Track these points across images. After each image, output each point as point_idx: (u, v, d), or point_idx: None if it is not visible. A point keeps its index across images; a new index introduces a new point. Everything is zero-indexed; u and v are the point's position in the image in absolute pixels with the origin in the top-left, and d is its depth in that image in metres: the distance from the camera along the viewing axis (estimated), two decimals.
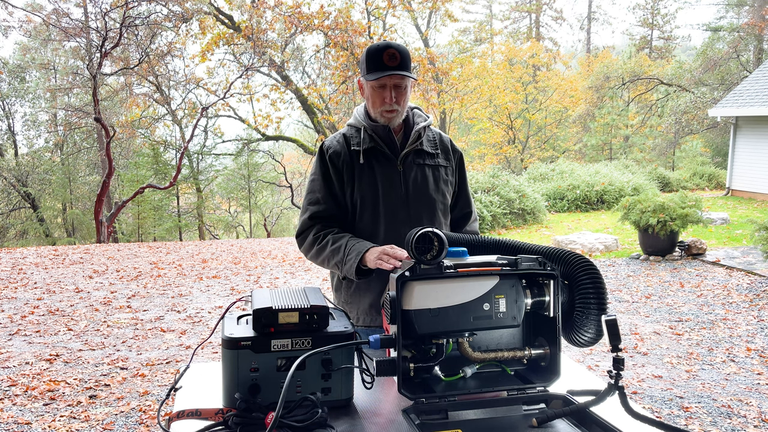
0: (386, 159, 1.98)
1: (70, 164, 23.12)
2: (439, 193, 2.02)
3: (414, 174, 1.99)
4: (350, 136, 2.02)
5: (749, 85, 15.31)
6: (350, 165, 1.97)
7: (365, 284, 1.99)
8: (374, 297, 1.99)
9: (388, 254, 1.67)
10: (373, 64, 1.88)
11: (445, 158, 2.07)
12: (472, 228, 2.17)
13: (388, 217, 1.96)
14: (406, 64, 1.89)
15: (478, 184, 12.77)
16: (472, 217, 2.19)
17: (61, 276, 8.29)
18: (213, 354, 4.85)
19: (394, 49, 1.88)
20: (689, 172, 18.68)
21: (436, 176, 2.03)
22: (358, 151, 1.97)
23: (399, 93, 1.91)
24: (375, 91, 1.92)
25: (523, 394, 1.39)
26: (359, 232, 1.98)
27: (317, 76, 21.42)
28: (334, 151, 1.99)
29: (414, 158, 2.01)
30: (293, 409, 1.28)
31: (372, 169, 1.97)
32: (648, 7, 30.80)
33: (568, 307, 1.41)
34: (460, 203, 2.15)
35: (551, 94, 25.84)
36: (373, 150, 1.98)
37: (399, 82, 1.90)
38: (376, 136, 1.98)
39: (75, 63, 21.81)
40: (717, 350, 4.84)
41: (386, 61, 1.86)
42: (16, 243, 21.17)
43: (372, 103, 1.95)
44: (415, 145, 2.00)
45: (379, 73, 1.86)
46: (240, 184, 25.10)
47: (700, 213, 8.20)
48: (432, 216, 2.01)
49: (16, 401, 3.84)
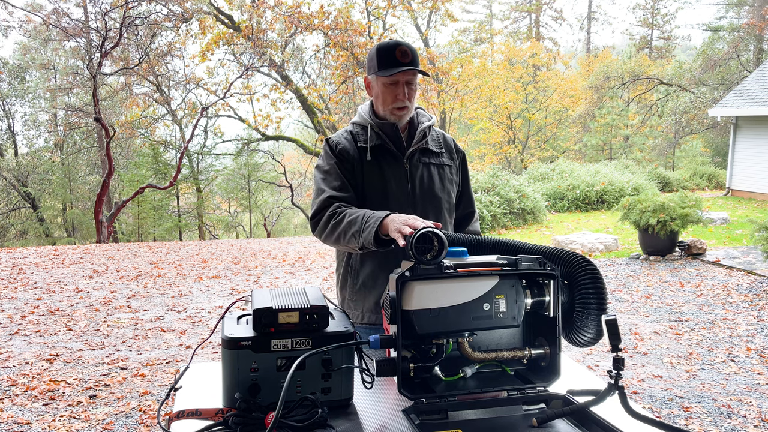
0: (393, 157, 1.98)
1: (70, 164, 23.13)
2: (444, 192, 2.03)
3: (420, 172, 2.00)
4: (356, 134, 2.01)
5: (749, 85, 15.31)
6: (358, 161, 1.97)
7: (371, 282, 1.99)
8: (380, 295, 1.99)
9: (408, 225, 1.54)
10: (386, 60, 1.87)
11: (449, 157, 2.08)
12: (474, 227, 2.18)
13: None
14: (417, 61, 1.90)
15: (478, 184, 12.78)
16: (475, 217, 2.19)
17: (61, 276, 8.29)
18: (213, 354, 4.85)
19: (405, 47, 1.89)
20: (689, 172, 18.68)
21: (441, 175, 2.03)
22: (365, 148, 1.97)
23: (410, 90, 1.92)
24: (387, 87, 1.91)
25: (523, 394, 1.39)
26: None
27: (317, 76, 21.44)
28: (343, 147, 1.99)
29: (420, 157, 2.01)
30: (293, 409, 1.28)
31: (380, 166, 1.97)
32: (648, 7, 30.81)
33: (568, 307, 1.40)
34: (463, 202, 2.16)
35: (551, 94, 25.84)
36: (380, 147, 1.98)
37: (411, 79, 1.91)
38: (383, 134, 1.98)
39: (75, 63, 21.81)
40: (717, 350, 4.84)
41: (399, 58, 1.86)
42: (16, 243, 21.17)
43: (383, 101, 1.94)
44: (420, 143, 2.01)
45: (393, 69, 1.86)
46: (240, 184, 25.10)
47: (700, 213, 8.20)
48: (438, 214, 2.01)
49: (16, 401, 3.84)
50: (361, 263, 2.01)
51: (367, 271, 2.00)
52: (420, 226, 1.44)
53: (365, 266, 2.00)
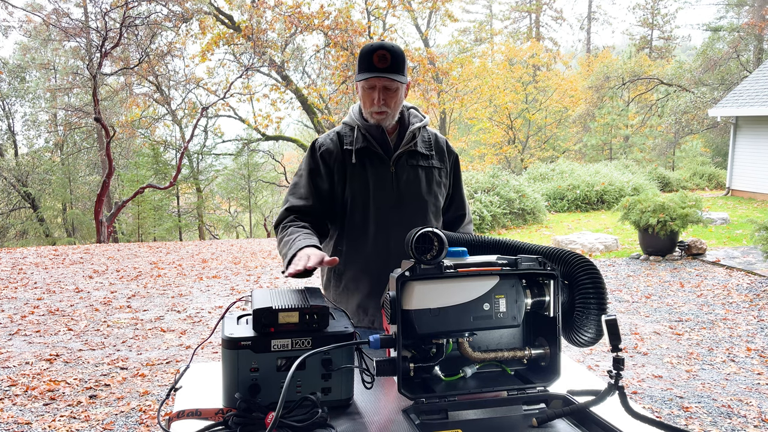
0: (379, 159, 1.96)
1: (70, 164, 23.12)
2: (431, 195, 2.00)
3: (406, 175, 1.97)
4: (344, 135, 2.00)
5: (749, 85, 15.31)
6: (342, 164, 1.95)
7: (353, 284, 1.98)
8: (362, 297, 1.98)
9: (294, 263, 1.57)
10: (364, 64, 1.86)
11: (439, 159, 2.04)
12: (466, 230, 2.15)
13: (378, 217, 1.94)
14: (397, 65, 1.85)
15: (478, 184, 12.77)
16: (466, 219, 2.16)
17: (61, 276, 8.29)
18: (213, 354, 4.85)
19: (385, 51, 1.84)
20: (689, 172, 18.68)
21: (429, 177, 2.00)
22: (350, 150, 1.95)
23: (388, 95, 1.88)
24: (365, 91, 1.90)
25: (523, 394, 1.39)
26: (349, 232, 1.97)
27: (317, 76, 21.44)
28: (327, 149, 1.97)
29: (407, 159, 1.98)
30: (293, 409, 1.28)
31: (364, 169, 1.95)
32: (648, 7, 30.81)
33: (568, 307, 1.41)
34: (454, 205, 2.13)
35: (551, 94, 25.84)
36: (365, 150, 1.96)
37: (388, 84, 1.87)
38: (369, 136, 1.96)
39: (75, 63, 21.81)
40: (717, 350, 4.84)
41: (375, 63, 1.83)
42: (16, 243, 21.17)
43: (363, 104, 1.94)
44: (408, 145, 1.98)
45: (366, 74, 1.85)
46: (240, 184, 25.11)
47: (700, 213, 8.20)
48: (423, 217, 1.99)
49: (16, 401, 3.84)
50: (345, 266, 2.00)
51: (350, 274, 1.99)
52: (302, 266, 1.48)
53: (348, 269, 2.00)
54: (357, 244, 1.97)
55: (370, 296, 1.97)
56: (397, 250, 1.94)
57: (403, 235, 1.98)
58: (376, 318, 1.98)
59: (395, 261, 1.96)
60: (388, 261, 1.94)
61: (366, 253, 1.96)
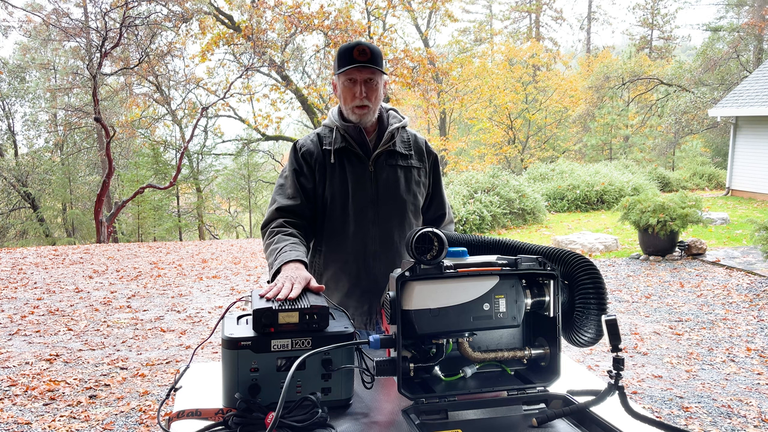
0: (358, 159, 1.98)
1: (70, 164, 23.13)
2: (410, 194, 2.02)
3: (385, 175, 1.99)
4: (324, 136, 2.02)
5: (749, 85, 15.31)
6: (322, 164, 1.98)
7: (333, 284, 2.00)
8: (341, 296, 2.00)
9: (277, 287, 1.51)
10: (344, 59, 1.89)
11: (418, 159, 2.07)
12: (447, 230, 2.16)
13: (357, 216, 1.96)
14: (377, 60, 1.89)
15: (478, 184, 12.77)
16: (447, 219, 2.18)
17: (61, 276, 8.29)
18: (213, 354, 4.85)
19: (364, 46, 1.88)
20: (689, 172, 18.68)
21: (407, 177, 2.02)
22: (329, 150, 1.98)
23: (369, 88, 1.91)
24: (345, 86, 1.92)
25: (523, 394, 1.39)
26: (329, 231, 1.99)
27: (317, 76, 21.42)
28: (307, 149, 2.00)
29: (386, 159, 2.00)
30: (293, 409, 1.28)
31: (343, 168, 1.98)
32: (648, 7, 30.82)
33: (568, 307, 1.41)
34: (434, 205, 2.15)
35: (551, 94, 25.83)
36: (344, 150, 1.98)
37: (369, 77, 1.90)
38: (348, 136, 1.98)
39: (75, 63, 21.82)
40: (717, 350, 4.84)
41: (356, 56, 1.87)
42: (16, 243, 21.17)
43: (344, 100, 1.95)
44: (387, 145, 2.00)
45: (348, 66, 1.87)
46: (240, 184, 25.11)
47: (700, 213, 8.20)
48: (402, 217, 2.01)
49: (16, 401, 3.84)
50: (324, 266, 2.03)
51: (329, 273, 2.02)
52: (283, 296, 1.44)
53: (328, 268, 2.02)
54: (336, 244, 1.99)
55: (349, 295, 2.00)
56: (374, 249, 1.97)
57: (382, 234, 2.01)
58: (356, 317, 2.00)
59: (373, 260, 1.97)
60: (366, 260, 1.96)
61: (345, 252, 1.98)
